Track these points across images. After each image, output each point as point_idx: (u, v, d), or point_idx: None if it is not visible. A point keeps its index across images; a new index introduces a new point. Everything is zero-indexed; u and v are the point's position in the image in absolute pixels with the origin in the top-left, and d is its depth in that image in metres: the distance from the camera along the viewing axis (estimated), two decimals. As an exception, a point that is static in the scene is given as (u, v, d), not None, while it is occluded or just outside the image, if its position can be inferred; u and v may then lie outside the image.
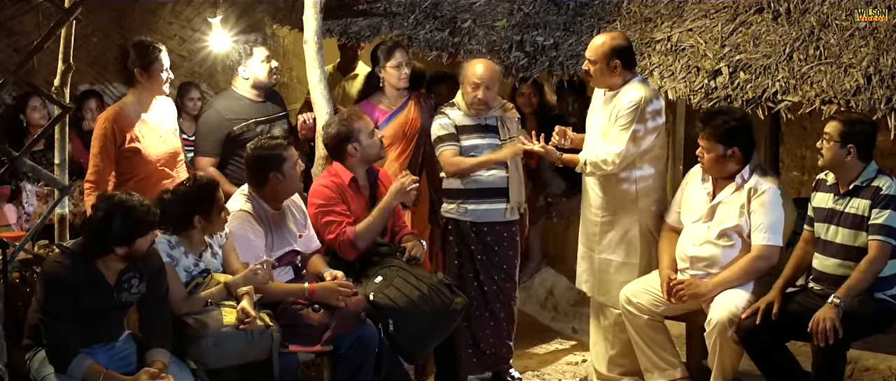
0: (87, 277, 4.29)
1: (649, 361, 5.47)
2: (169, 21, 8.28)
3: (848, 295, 4.70)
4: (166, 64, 5.46)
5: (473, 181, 5.76)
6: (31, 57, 4.96)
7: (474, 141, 5.78)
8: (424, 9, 6.90)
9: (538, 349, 6.59)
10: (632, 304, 5.42)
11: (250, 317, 4.55)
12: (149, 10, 8.18)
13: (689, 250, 5.29)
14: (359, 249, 5.30)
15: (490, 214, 5.78)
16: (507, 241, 5.88)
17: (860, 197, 4.83)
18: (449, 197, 5.87)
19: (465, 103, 5.79)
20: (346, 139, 5.38)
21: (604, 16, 6.51)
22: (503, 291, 5.88)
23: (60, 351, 4.24)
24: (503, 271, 5.87)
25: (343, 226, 5.28)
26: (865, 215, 4.80)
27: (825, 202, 4.99)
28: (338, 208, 5.33)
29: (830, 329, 4.60)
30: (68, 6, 4.87)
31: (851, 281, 4.74)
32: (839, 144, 4.83)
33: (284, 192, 5.13)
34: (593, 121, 5.60)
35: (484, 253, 5.83)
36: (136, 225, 4.28)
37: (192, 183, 4.78)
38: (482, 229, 5.81)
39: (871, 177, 4.85)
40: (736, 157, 5.14)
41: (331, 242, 5.31)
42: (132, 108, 5.45)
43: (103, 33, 8.03)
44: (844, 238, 4.87)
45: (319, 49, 5.84)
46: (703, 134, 5.18)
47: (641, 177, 5.51)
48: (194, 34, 8.14)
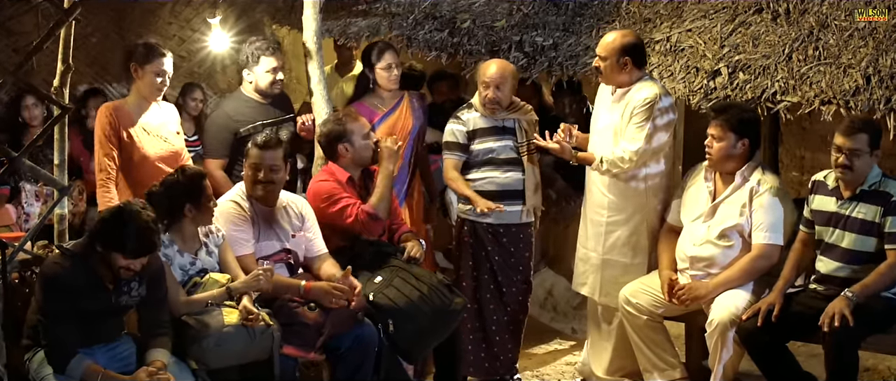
0: (86, 279, 4.29)
1: (648, 361, 5.47)
2: (168, 21, 8.26)
3: (863, 293, 4.71)
4: (165, 69, 5.46)
5: (490, 183, 5.74)
6: (30, 57, 4.95)
7: (489, 144, 5.75)
8: (424, 9, 6.90)
9: (537, 350, 6.59)
10: (631, 304, 5.42)
11: (253, 314, 4.56)
12: (148, 11, 8.16)
13: (688, 249, 5.29)
14: (382, 218, 5.31)
15: (507, 216, 5.75)
16: (523, 242, 5.86)
17: (867, 202, 4.83)
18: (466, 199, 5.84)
19: (479, 104, 5.77)
20: (337, 139, 5.38)
21: (603, 16, 6.51)
22: (521, 293, 5.86)
23: (59, 352, 4.25)
24: (519, 272, 5.85)
25: (357, 206, 5.27)
26: (875, 220, 4.81)
27: (827, 206, 4.98)
28: (343, 194, 5.33)
29: (839, 317, 4.60)
30: (67, 6, 4.86)
31: (869, 281, 4.74)
32: (869, 153, 4.82)
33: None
34: (601, 120, 5.57)
35: (500, 255, 5.80)
36: (143, 243, 4.27)
37: (180, 174, 4.78)
38: (498, 230, 5.79)
39: (876, 181, 4.85)
40: (744, 150, 5.15)
41: (351, 225, 5.29)
42: (131, 106, 5.48)
43: (102, 34, 8.02)
44: (852, 243, 4.86)
45: (319, 50, 5.84)
46: (716, 122, 5.17)
47: (650, 175, 5.51)
48: (193, 35, 8.13)
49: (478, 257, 5.82)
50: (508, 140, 5.76)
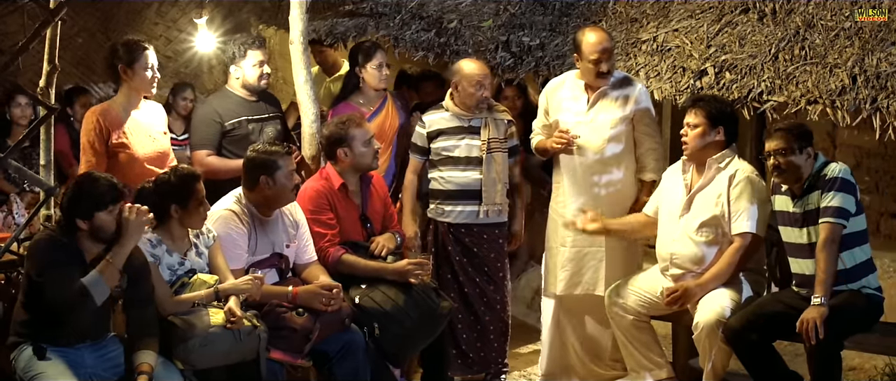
0: (68, 254, 4.30)
1: (635, 361, 5.48)
2: (154, 22, 8.26)
3: (825, 290, 4.72)
4: (151, 62, 5.43)
5: (448, 182, 5.76)
6: (16, 58, 4.94)
7: (451, 142, 5.77)
8: (410, 9, 6.90)
9: (524, 349, 6.59)
10: (617, 304, 5.42)
11: (237, 317, 4.56)
12: (134, 11, 8.16)
13: (668, 247, 5.28)
14: (337, 273, 5.26)
15: (464, 215, 5.77)
16: (487, 243, 5.84)
17: (815, 191, 4.86)
18: (430, 197, 5.87)
19: (466, 104, 5.76)
20: (337, 142, 5.36)
21: (590, 16, 6.52)
22: (486, 294, 5.84)
23: (70, 289, 4.21)
24: (484, 273, 5.83)
25: (327, 239, 5.28)
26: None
27: (786, 206, 5.00)
28: (324, 215, 5.32)
29: (812, 329, 4.62)
30: (53, 7, 4.86)
31: (819, 274, 4.75)
32: (798, 151, 4.87)
33: (274, 199, 5.06)
34: (600, 117, 5.57)
35: (462, 255, 5.81)
36: (97, 197, 4.29)
37: (172, 174, 4.77)
38: (459, 230, 5.80)
39: (819, 169, 4.89)
40: (719, 139, 5.16)
41: (320, 252, 5.30)
42: (120, 106, 5.44)
43: (88, 34, 8.01)
44: (814, 237, 4.86)
45: (305, 50, 5.83)
46: (693, 110, 5.20)
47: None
48: (180, 35, 8.13)
49: (440, 256, 5.84)
50: (472, 139, 5.76)
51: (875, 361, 5.85)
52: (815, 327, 4.61)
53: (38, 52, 5.13)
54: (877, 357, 5.76)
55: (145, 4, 8.17)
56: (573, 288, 5.75)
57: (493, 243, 5.87)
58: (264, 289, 4.86)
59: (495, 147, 5.75)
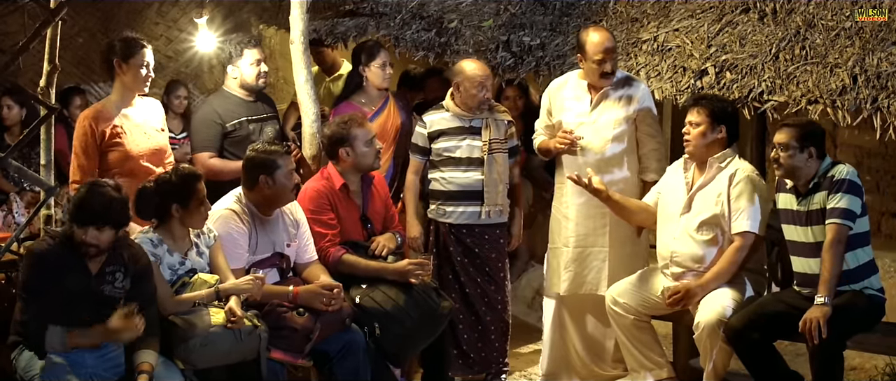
0: (69, 260, 4.29)
1: (636, 361, 5.47)
2: (155, 21, 8.26)
3: (829, 291, 4.72)
4: (148, 61, 5.36)
5: (449, 183, 5.76)
6: (16, 57, 4.93)
7: (452, 142, 5.76)
8: (411, 9, 6.90)
9: (524, 349, 6.59)
10: (618, 304, 5.41)
11: (237, 316, 4.56)
12: (134, 11, 8.16)
13: (669, 245, 5.28)
14: (338, 273, 5.26)
15: (465, 216, 5.77)
16: (488, 243, 5.84)
17: (820, 191, 4.86)
18: (431, 198, 5.87)
19: (467, 105, 5.75)
20: (339, 142, 5.35)
21: (590, 16, 6.52)
22: (487, 294, 5.83)
23: (36, 326, 4.23)
24: (486, 274, 5.83)
25: (328, 239, 5.29)
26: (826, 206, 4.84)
27: (790, 204, 5.00)
28: (325, 216, 5.32)
29: (815, 329, 4.62)
30: (54, 7, 4.86)
31: (824, 274, 4.75)
32: (798, 150, 4.87)
33: (274, 198, 5.06)
34: (603, 117, 5.58)
35: (464, 255, 5.81)
36: (100, 213, 4.28)
37: (174, 173, 4.77)
38: (461, 230, 5.79)
39: (826, 170, 4.88)
40: (721, 138, 5.17)
41: (320, 251, 5.30)
42: (114, 104, 5.38)
43: (89, 34, 8.01)
44: (818, 236, 4.87)
45: (306, 49, 5.83)
46: (695, 108, 5.20)
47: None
48: (180, 35, 8.13)
49: (441, 257, 5.84)
50: (473, 140, 5.76)
51: (876, 361, 5.85)
52: (818, 326, 4.62)
53: (39, 51, 5.13)
54: (877, 357, 5.76)
55: (146, 4, 8.17)
56: (577, 288, 5.75)
57: (495, 244, 5.87)
58: (265, 289, 4.86)
59: (496, 148, 5.75)
